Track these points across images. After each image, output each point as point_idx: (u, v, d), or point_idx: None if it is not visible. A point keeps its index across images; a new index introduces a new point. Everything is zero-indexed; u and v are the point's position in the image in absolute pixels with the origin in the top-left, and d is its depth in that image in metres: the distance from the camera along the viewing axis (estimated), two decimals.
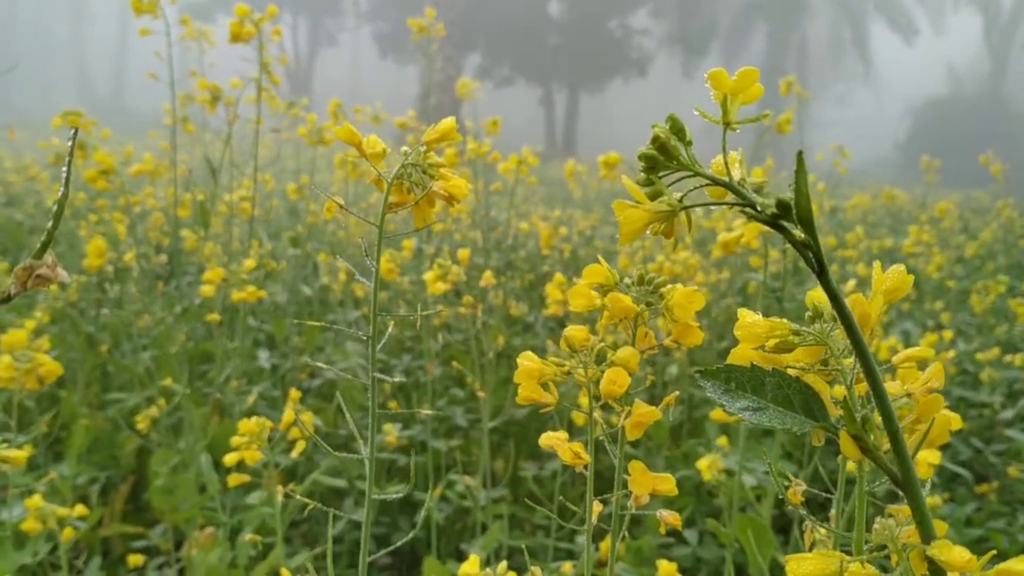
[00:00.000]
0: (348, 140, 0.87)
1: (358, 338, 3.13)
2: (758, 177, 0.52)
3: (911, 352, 0.69)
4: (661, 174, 0.51)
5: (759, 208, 0.47)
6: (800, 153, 0.42)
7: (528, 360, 0.83)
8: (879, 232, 6.82)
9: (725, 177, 0.49)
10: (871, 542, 0.58)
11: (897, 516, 0.77)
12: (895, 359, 0.68)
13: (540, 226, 4.16)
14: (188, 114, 3.41)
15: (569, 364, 0.83)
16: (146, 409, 2.50)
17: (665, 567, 1.24)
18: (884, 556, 0.56)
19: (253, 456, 1.53)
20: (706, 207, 0.52)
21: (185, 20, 2.97)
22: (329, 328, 3.19)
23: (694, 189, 0.51)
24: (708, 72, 0.51)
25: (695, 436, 2.94)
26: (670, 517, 0.84)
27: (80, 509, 1.73)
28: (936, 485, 2.72)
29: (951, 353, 2.96)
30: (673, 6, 41.91)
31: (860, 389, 0.61)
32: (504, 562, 1.05)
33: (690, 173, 0.50)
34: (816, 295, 0.65)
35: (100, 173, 2.29)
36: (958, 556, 0.50)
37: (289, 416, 1.67)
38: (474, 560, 1.06)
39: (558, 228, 3.77)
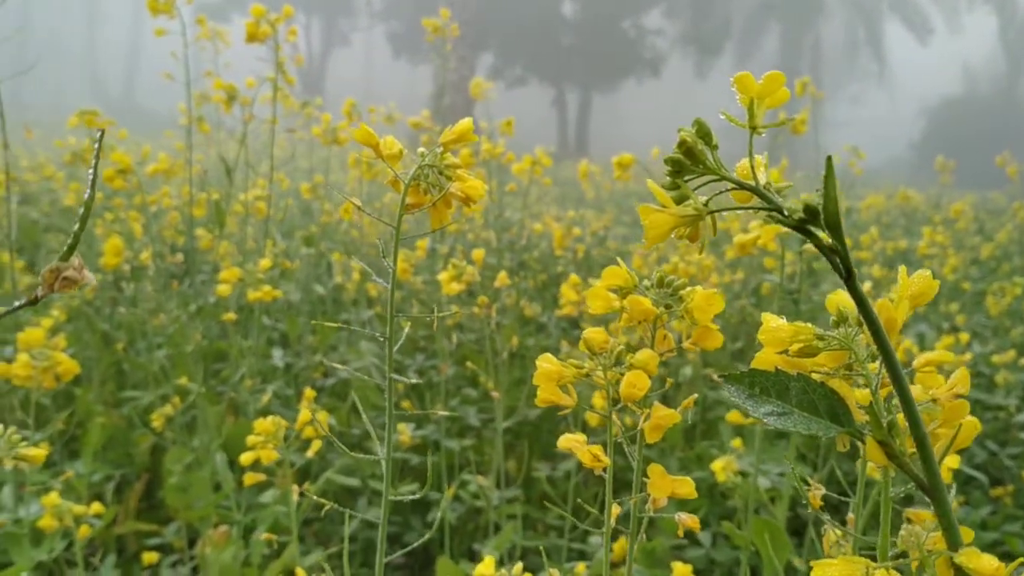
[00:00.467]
0: (365, 141, 0.87)
1: (372, 337, 3.14)
2: (775, 179, 0.52)
3: (931, 356, 0.68)
4: (687, 178, 0.51)
5: (786, 213, 0.46)
6: (829, 158, 0.42)
7: (547, 362, 0.82)
8: (893, 233, 6.79)
9: (751, 181, 0.49)
10: (896, 548, 0.57)
11: (914, 520, 0.76)
12: (915, 363, 0.68)
13: (553, 227, 4.15)
14: (203, 114, 3.43)
15: (588, 366, 0.83)
16: (161, 407, 2.51)
17: (680, 569, 1.24)
18: (909, 562, 0.56)
19: (269, 455, 1.54)
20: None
21: (201, 20, 2.98)
22: (344, 328, 3.20)
23: (720, 193, 0.51)
24: (734, 76, 0.51)
25: (708, 437, 2.93)
26: (689, 520, 0.84)
27: (96, 507, 1.74)
28: (951, 488, 2.70)
29: (967, 356, 2.94)
30: (687, 6, 41.79)
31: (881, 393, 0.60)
32: (520, 563, 1.05)
33: (716, 177, 0.50)
34: (838, 299, 0.65)
35: (118, 172, 2.30)
36: (987, 564, 0.50)
37: (306, 415, 1.68)
38: (489, 561, 1.06)
39: (571, 229, 3.76)
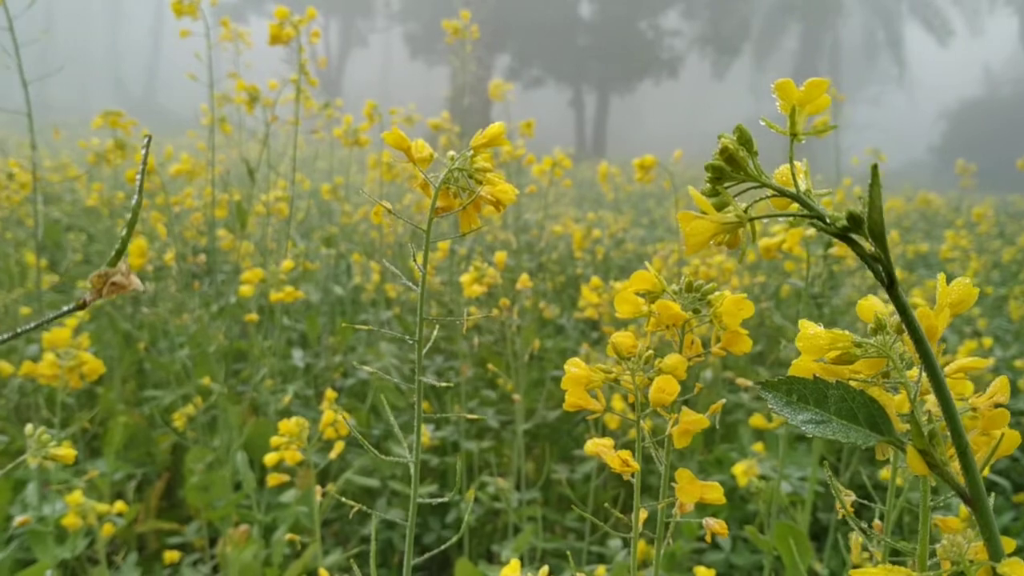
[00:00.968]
0: (397, 145, 0.87)
1: (393, 338, 3.15)
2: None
3: (964, 363, 0.68)
4: (727, 184, 0.50)
5: (828, 220, 0.46)
6: (875, 166, 0.42)
7: (575, 367, 0.82)
8: (913, 236, 6.75)
9: (792, 188, 0.48)
10: (935, 557, 0.57)
11: (943, 527, 0.75)
12: (947, 370, 0.67)
13: (572, 228, 4.15)
14: (225, 114, 3.45)
15: (616, 371, 0.83)
16: (182, 407, 2.53)
17: (703, 573, 1.23)
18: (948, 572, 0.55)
19: (293, 456, 1.55)
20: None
21: (224, 22, 3.00)
22: (365, 329, 3.21)
23: (758, 201, 0.50)
24: (775, 83, 0.51)
25: (728, 441, 2.92)
26: (716, 526, 0.84)
27: (120, 505, 1.75)
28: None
29: (990, 360, 2.91)
30: (704, 7, 41.67)
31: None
32: (546, 567, 1.05)
33: (757, 184, 0.50)
34: (872, 306, 0.64)
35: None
36: None
37: (329, 416, 1.68)
38: (515, 564, 1.06)
39: (591, 231, 3.76)
